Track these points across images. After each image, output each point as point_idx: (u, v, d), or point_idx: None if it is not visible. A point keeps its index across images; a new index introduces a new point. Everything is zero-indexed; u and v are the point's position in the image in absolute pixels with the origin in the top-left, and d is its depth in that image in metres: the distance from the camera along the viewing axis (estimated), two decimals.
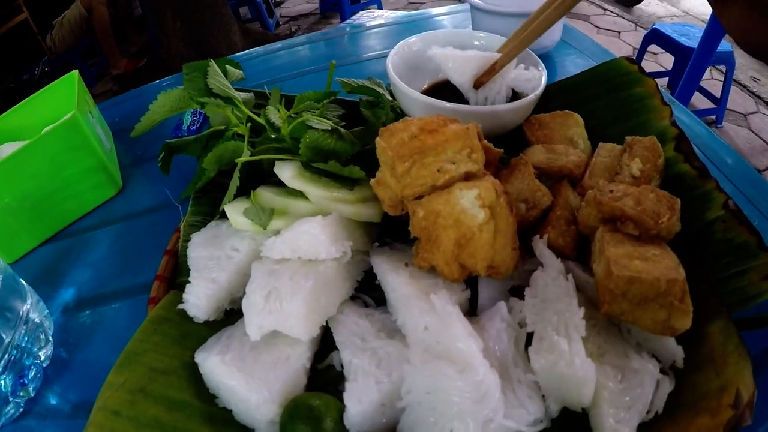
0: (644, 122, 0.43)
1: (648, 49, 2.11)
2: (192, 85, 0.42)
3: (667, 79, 2.23)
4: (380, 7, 4.01)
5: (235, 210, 0.36)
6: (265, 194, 0.37)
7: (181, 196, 0.45)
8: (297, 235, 0.32)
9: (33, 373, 0.44)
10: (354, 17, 2.21)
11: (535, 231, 0.36)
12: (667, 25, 2.02)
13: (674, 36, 1.93)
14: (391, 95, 0.45)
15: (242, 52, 0.91)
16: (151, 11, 2.78)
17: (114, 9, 3.83)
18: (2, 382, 0.41)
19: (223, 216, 0.38)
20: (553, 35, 0.66)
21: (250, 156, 0.36)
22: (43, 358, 0.46)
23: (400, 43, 0.46)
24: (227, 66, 0.45)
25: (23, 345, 0.43)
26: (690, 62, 1.68)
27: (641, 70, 0.45)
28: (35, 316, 0.46)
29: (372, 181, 0.33)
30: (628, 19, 3.26)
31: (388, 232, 0.38)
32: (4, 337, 0.40)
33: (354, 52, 0.83)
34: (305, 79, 0.76)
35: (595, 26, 3.20)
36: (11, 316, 0.42)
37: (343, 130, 0.38)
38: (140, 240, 0.55)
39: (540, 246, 0.34)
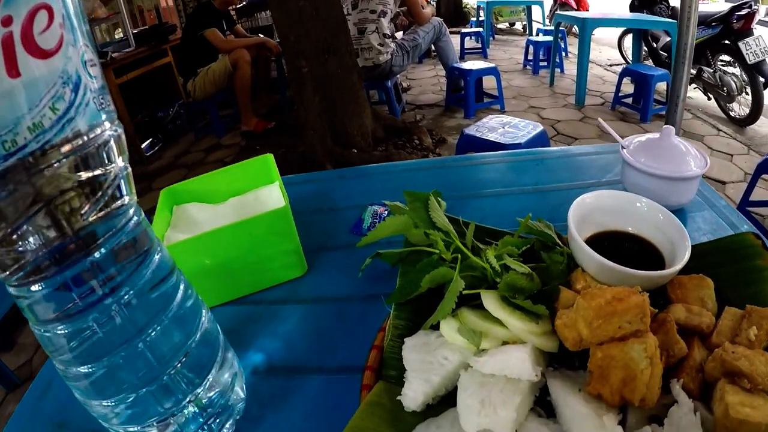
0: (761, 291, 0.54)
1: (761, 176, 2.18)
2: (416, 215, 0.56)
3: None
4: (502, 108, 4.12)
5: (449, 327, 0.50)
6: (471, 317, 0.51)
7: (385, 302, 0.59)
8: (508, 358, 0.46)
9: (228, 420, 0.51)
10: (482, 121, 2.35)
11: (670, 374, 0.48)
12: None
13: None
14: (559, 238, 0.58)
15: (409, 162, 1.06)
16: (294, 82, 2.97)
17: (255, 70, 4.04)
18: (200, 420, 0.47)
19: (431, 326, 0.52)
20: (689, 194, 0.77)
21: (463, 289, 0.51)
22: (239, 408, 0.53)
23: (578, 199, 0.58)
24: (438, 198, 0.61)
25: (227, 392, 0.50)
26: None
27: (764, 244, 0.57)
28: (234, 368, 0.53)
29: (559, 322, 0.47)
30: (741, 141, 3.40)
31: (554, 358, 0.51)
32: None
33: (500, 180, 0.97)
34: (477, 201, 0.91)
35: (709, 147, 3.37)
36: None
37: (534, 273, 0.52)
38: (330, 324, 0.65)
39: (677, 388, 0.46)
